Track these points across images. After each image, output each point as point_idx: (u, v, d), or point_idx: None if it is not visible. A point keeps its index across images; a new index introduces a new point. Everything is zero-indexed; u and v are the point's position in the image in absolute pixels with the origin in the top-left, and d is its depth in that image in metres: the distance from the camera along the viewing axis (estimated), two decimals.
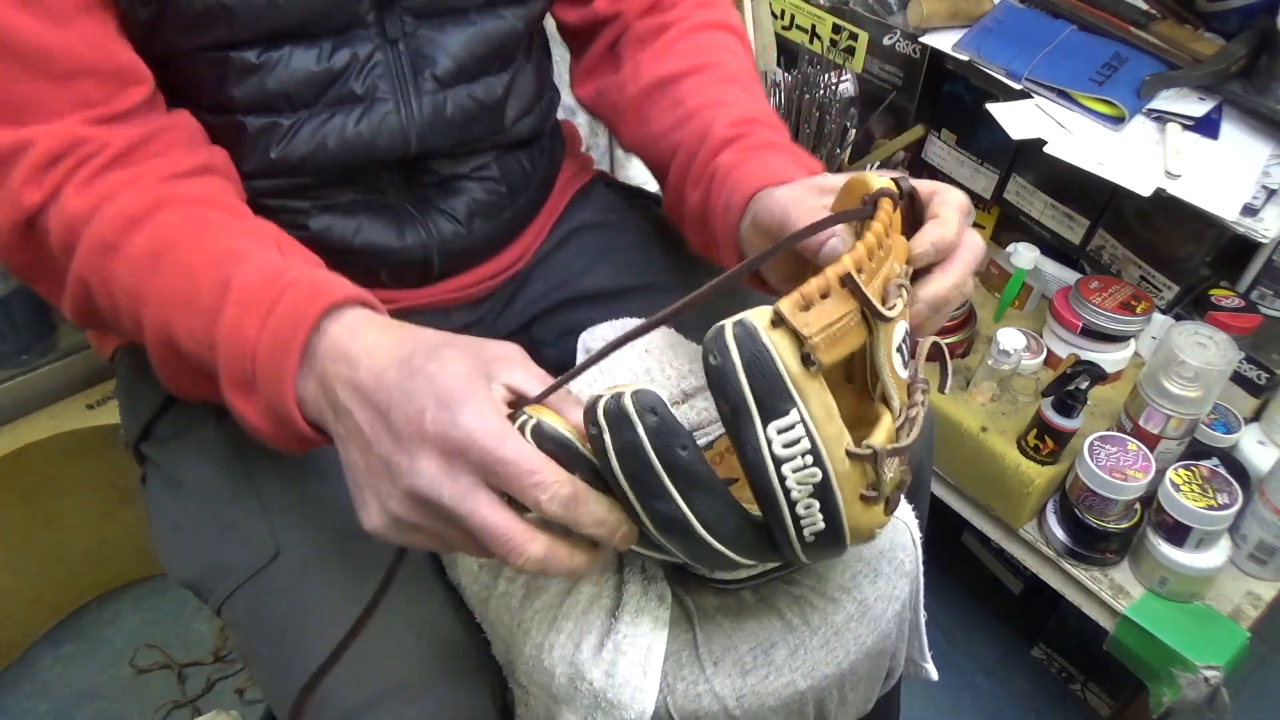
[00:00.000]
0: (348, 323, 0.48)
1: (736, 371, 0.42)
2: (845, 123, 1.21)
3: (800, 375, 0.42)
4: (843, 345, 0.44)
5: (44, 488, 1.20)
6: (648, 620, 0.58)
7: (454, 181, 0.71)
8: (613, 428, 0.42)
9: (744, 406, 0.42)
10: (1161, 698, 0.99)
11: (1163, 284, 1.13)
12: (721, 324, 0.42)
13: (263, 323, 0.48)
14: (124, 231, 0.53)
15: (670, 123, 0.69)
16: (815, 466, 0.43)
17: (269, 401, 0.49)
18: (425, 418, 0.42)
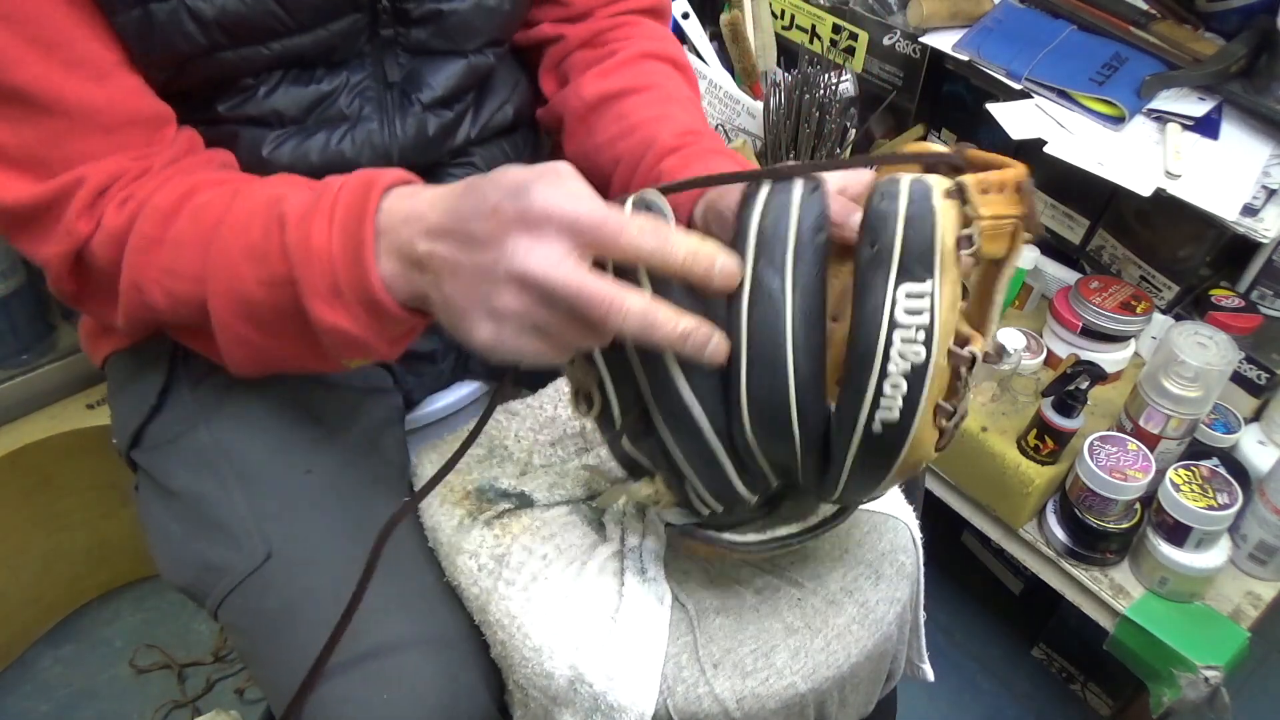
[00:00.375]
0: (404, 191, 0.50)
1: (896, 220, 0.41)
2: (845, 123, 1.21)
3: (950, 252, 0.42)
4: (995, 245, 0.44)
5: (44, 488, 1.20)
6: (648, 622, 0.58)
7: (436, 169, 0.72)
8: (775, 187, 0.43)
9: (887, 256, 0.42)
10: (1161, 698, 0.99)
11: (1163, 284, 1.13)
12: (900, 174, 0.42)
13: (329, 227, 0.49)
14: (164, 224, 0.54)
15: (613, 134, 0.71)
16: (923, 346, 0.42)
17: (358, 296, 0.49)
18: (502, 209, 0.44)
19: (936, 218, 0.41)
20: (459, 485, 0.66)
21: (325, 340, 0.51)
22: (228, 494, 0.64)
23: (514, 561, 0.61)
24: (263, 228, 0.52)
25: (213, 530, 0.63)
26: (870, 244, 0.42)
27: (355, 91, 0.65)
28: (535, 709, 0.59)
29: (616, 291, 0.43)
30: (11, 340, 1.17)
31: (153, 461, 0.68)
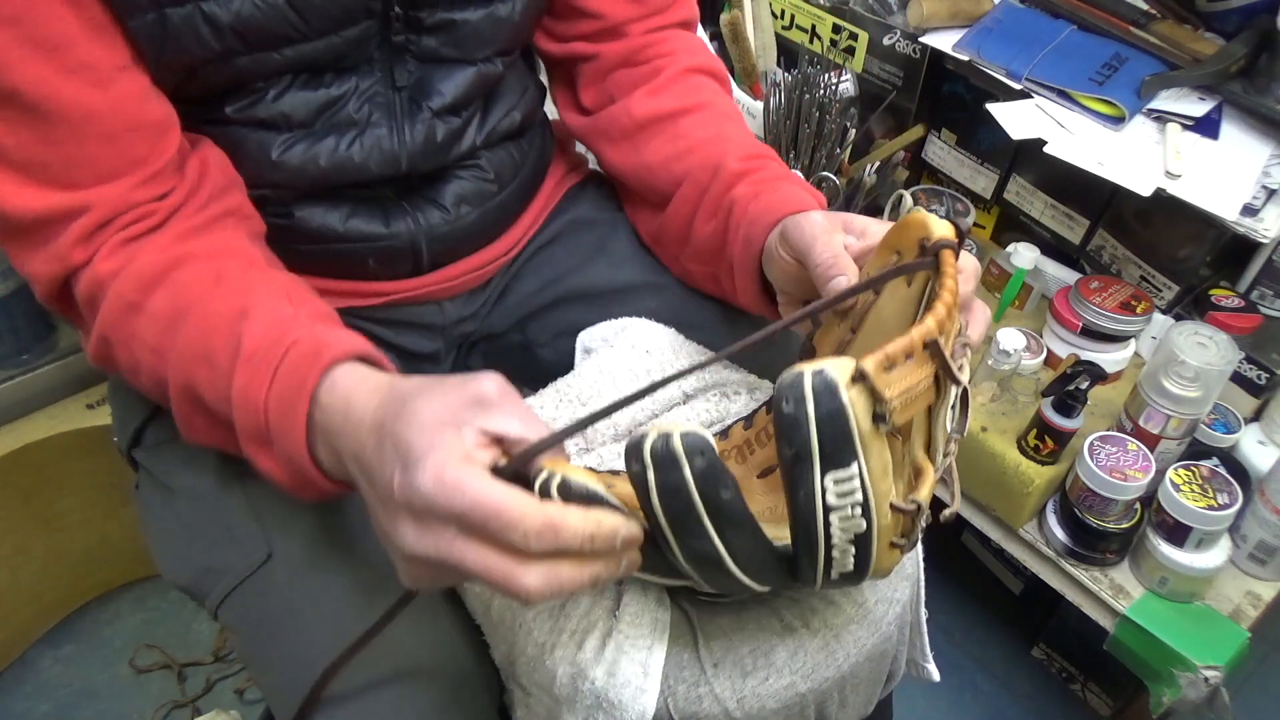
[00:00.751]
0: (341, 391, 0.49)
1: (808, 423, 0.41)
2: (845, 123, 1.21)
3: (869, 433, 0.42)
4: (914, 407, 0.44)
5: (44, 488, 1.20)
6: (648, 621, 0.58)
7: (441, 172, 0.72)
8: (659, 467, 0.42)
9: (807, 456, 0.42)
10: (1161, 698, 0.99)
11: (1163, 284, 1.13)
12: (800, 370, 0.41)
13: (270, 384, 0.50)
14: (144, 291, 0.55)
15: (669, 154, 0.72)
16: (862, 519, 0.43)
17: (286, 459, 0.51)
18: (394, 484, 0.43)
19: (848, 412, 0.41)
20: None
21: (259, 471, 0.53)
22: (229, 493, 0.64)
23: None
24: (224, 342, 0.52)
25: (214, 530, 0.63)
26: (789, 447, 0.42)
27: (364, 97, 0.65)
28: (537, 708, 0.59)
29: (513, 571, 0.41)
30: (11, 340, 1.17)
31: (154, 460, 0.68)
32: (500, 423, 0.44)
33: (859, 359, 0.41)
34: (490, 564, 0.42)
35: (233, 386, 0.51)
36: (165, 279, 0.55)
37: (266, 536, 0.62)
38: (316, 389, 0.49)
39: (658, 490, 0.42)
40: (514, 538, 0.41)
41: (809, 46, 1.35)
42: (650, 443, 0.42)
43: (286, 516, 0.63)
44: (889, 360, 0.42)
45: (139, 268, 0.55)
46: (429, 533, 0.42)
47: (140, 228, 0.56)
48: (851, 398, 0.41)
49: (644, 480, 0.42)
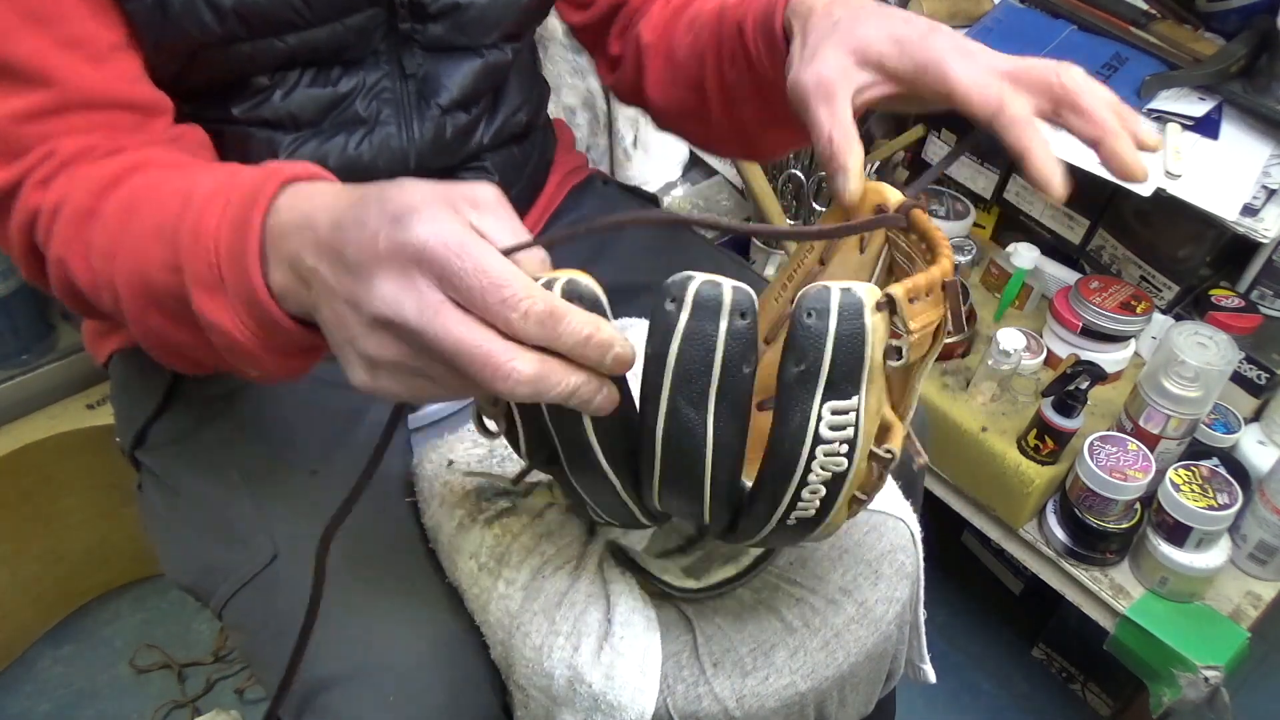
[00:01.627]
0: (304, 190, 0.44)
1: (826, 340, 0.39)
2: None
3: (878, 367, 0.40)
4: (919, 349, 0.43)
5: (44, 488, 1.20)
6: (641, 621, 0.58)
7: (447, 173, 0.72)
8: (697, 310, 0.39)
9: (814, 376, 0.40)
10: (1161, 698, 0.99)
11: (1163, 284, 1.13)
12: (828, 285, 0.39)
13: (221, 213, 0.44)
14: (99, 195, 0.51)
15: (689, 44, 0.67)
16: (845, 457, 0.41)
17: (239, 293, 0.44)
18: (379, 238, 0.37)
19: (867, 336, 0.39)
20: (458, 485, 0.66)
21: (212, 339, 0.46)
22: (233, 495, 0.64)
23: (514, 560, 0.61)
24: (174, 208, 0.47)
25: (218, 531, 0.63)
26: (796, 362, 0.40)
27: (372, 94, 0.64)
28: (535, 709, 0.58)
29: (503, 351, 0.37)
30: (11, 340, 1.17)
31: (157, 461, 0.68)
32: (491, 225, 0.40)
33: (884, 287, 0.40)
34: (477, 338, 0.37)
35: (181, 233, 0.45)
36: (123, 181, 0.51)
37: (272, 537, 0.62)
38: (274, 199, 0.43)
39: (683, 335, 0.39)
40: (512, 316, 0.36)
41: None
42: (698, 283, 0.39)
43: (292, 517, 0.63)
44: (914, 292, 0.41)
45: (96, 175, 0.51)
46: (412, 289, 0.37)
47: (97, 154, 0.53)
48: (875, 323, 0.40)
49: (672, 322, 0.39)
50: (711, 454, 0.42)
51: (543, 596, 0.59)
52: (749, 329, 0.39)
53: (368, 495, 0.66)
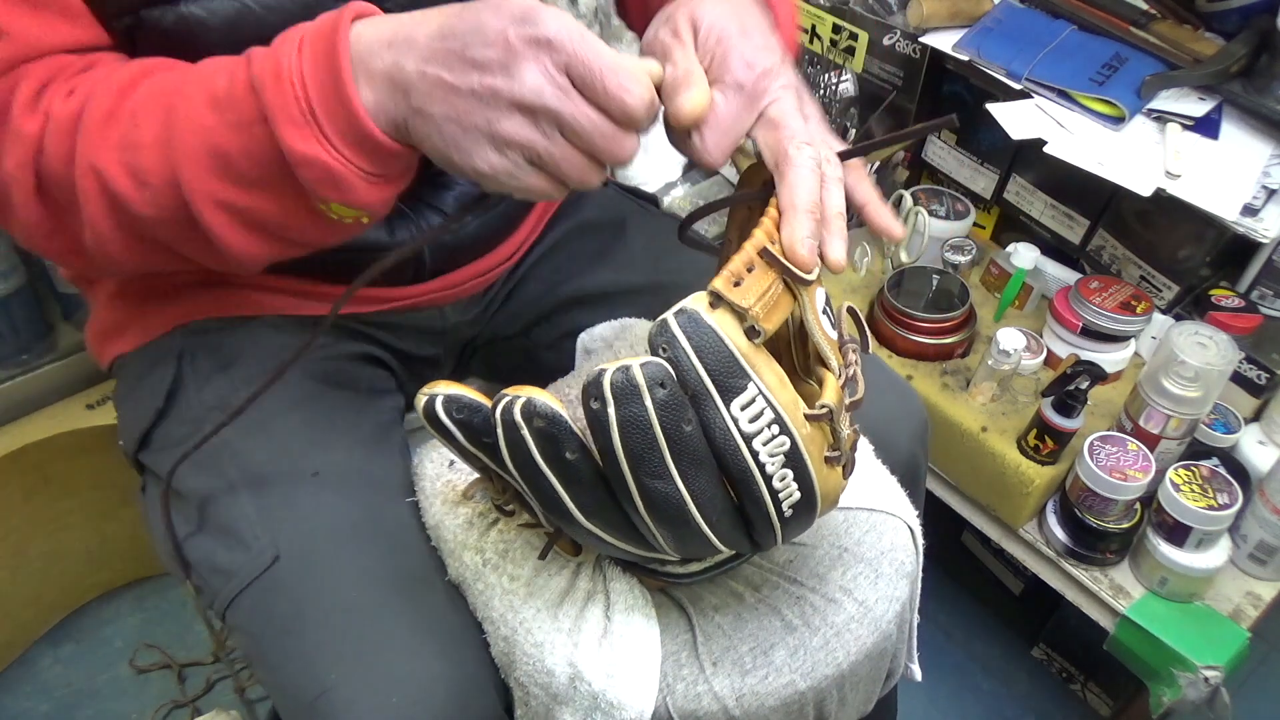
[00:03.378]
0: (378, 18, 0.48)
1: (689, 357, 0.42)
2: (845, 123, 1.21)
3: (748, 349, 0.43)
4: (778, 313, 0.45)
5: (44, 488, 1.20)
6: (640, 619, 0.58)
7: (442, 177, 0.72)
8: (619, 401, 0.42)
9: (704, 390, 0.43)
10: (1161, 698, 0.99)
11: (1163, 284, 1.13)
12: (663, 316, 0.43)
13: (298, 54, 0.47)
14: (120, 97, 0.51)
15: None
16: (783, 435, 0.44)
17: (332, 118, 0.47)
18: (508, 35, 0.44)
19: (719, 333, 0.43)
20: (462, 484, 0.66)
21: (303, 176, 0.48)
22: (235, 496, 0.64)
23: (517, 558, 0.61)
24: (227, 75, 0.49)
25: (220, 532, 0.63)
26: (684, 390, 0.43)
27: None
28: (536, 707, 0.59)
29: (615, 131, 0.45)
30: (11, 340, 1.17)
31: (160, 463, 0.68)
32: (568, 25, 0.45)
33: None
34: (596, 120, 0.44)
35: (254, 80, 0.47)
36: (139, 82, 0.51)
37: (274, 539, 0.62)
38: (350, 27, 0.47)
39: (618, 425, 0.42)
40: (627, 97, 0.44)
41: (809, 47, 1.35)
42: (610, 375, 0.42)
43: (294, 519, 0.63)
44: (734, 276, 0.44)
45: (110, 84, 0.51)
46: (550, 76, 0.44)
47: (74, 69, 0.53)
48: (718, 320, 0.43)
49: (603, 418, 0.42)
50: (696, 508, 0.45)
51: (545, 594, 0.59)
52: (671, 395, 0.42)
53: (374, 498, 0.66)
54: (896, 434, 0.76)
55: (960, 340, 1.17)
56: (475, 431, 0.47)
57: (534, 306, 0.81)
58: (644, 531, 0.47)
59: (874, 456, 0.72)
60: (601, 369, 0.42)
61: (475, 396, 0.47)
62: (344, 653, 0.57)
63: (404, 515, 0.66)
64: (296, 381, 0.69)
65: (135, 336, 0.71)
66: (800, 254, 0.46)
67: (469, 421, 0.47)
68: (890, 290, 1.17)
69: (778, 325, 0.46)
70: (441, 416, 0.47)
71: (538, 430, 0.44)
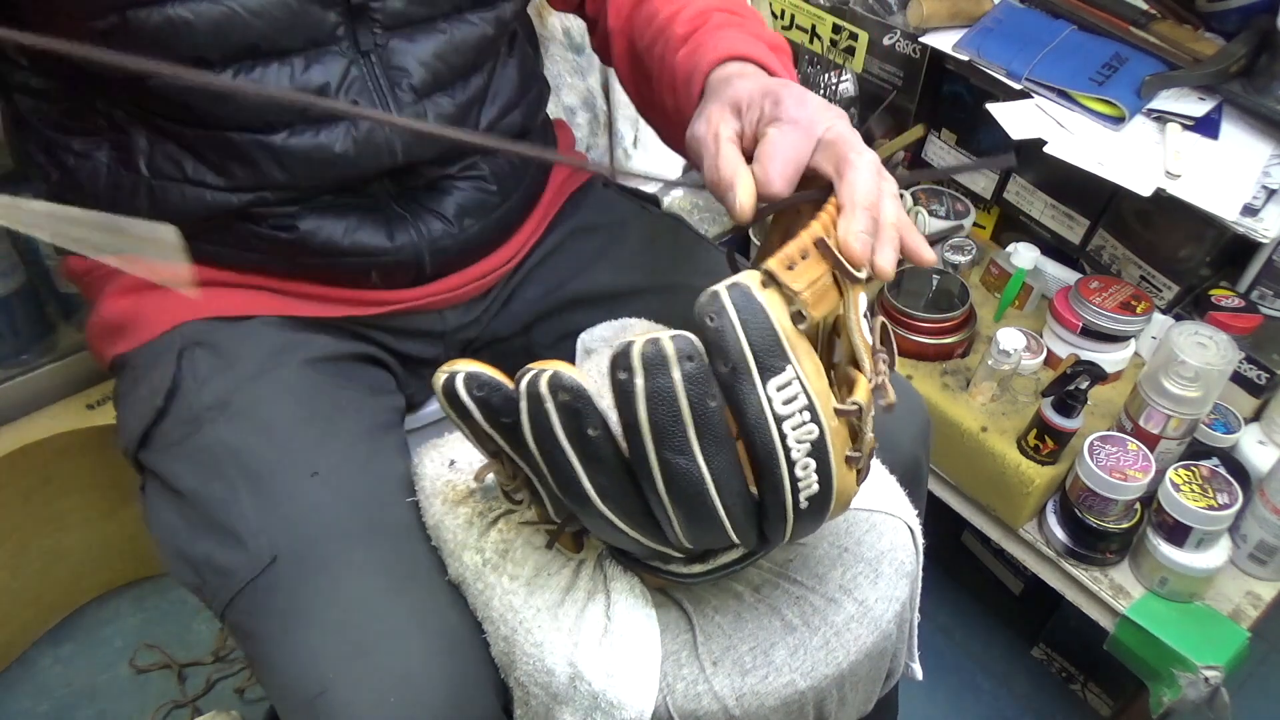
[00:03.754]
0: None
1: (735, 330, 0.42)
2: None
3: (792, 333, 0.43)
4: (824, 305, 0.46)
5: (44, 488, 1.20)
6: (641, 618, 0.58)
7: (442, 181, 0.72)
8: (649, 371, 0.42)
9: (744, 365, 0.43)
10: (1161, 698, 0.99)
11: (1163, 284, 1.13)
12: (714, 287, 0.43)
13: None
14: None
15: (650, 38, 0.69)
16: (813, 423, 0.44)
17: None
18: None
19: (768, 311, 0.43)
20: (462, 484, 0.66)
21: None
22: (234, 495, 0.64)
23: (518, 557, 0.61)
24: None
25: (219, 532, 0.63)
26: (724, 364, 0.43)
27: (344, 88, 0.64)
28: (536, 706, 0.58)
29: None
30: (11, 340, 1.17)
31: (159, 463, 0.68)
32: None
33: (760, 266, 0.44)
34: None
35: None
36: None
37: (273, 539, 0.62)
38: None
39: (645, 396, 0.42)
40: None
41: (809, 46, 1.35)
42: (639, 345, 0.42)
43: (294, 519, 0.63)
44: (788, 260, 0.44)
45: None
46: None
47: None
48: (767, 298, 0.43)
49: (630, 388, 0.42)
50: (715, 489, 0.45)
51: (545, 593, 0.59)
52: (698, 369, 0.42)
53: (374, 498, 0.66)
54: (898, 434, 0.76)
55: (960, 340, 1.17)
56: (494, 410, 0.46)
57: (534, 307, 0.81)
58: (659, 515, 0.47)
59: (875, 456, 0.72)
60: (630, 340, 0.42)
61: (496, 374, 0.46)
62: (343, 652, 0.57)
63: (403, 515, 0.66)
64: (296, 381, 0.69)
65: (135, 336, 0.71)
66: (854, 248, 0.46)
67: (488, 400, 0.46)
68: (890, 290, 1.17)
69: (823, 316, 0.46)
70: (462, 394, 0.47)
71: (563, 404, 0.44)
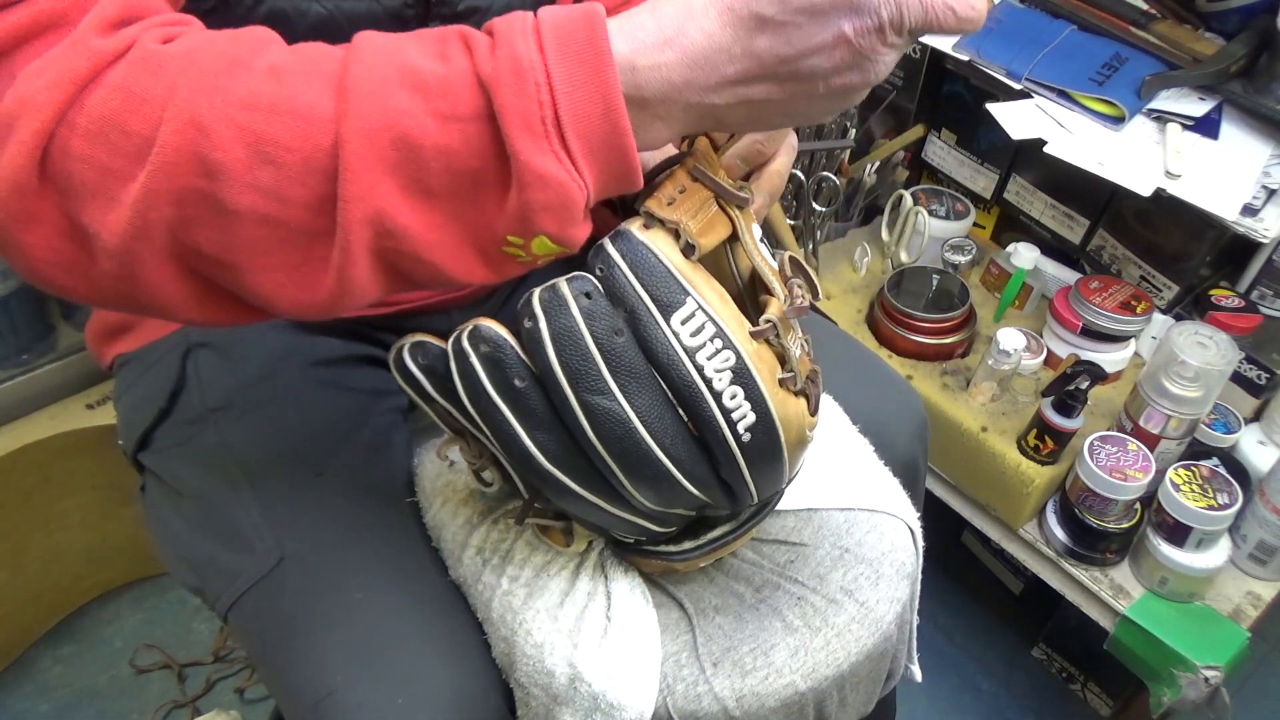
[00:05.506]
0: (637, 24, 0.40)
1: (624, 274, 0.43)
2: (845, 122, 1.21)
3: (685, 266, 0.44)
4: (713, 233, 0.46)
5: (44, 488, 1.20)
6: (640, 621, 0.58)
7: None
8: (549, 315, 0.43)
9: (642, 306, 0.43)
10: (1161, 698, 0.99)
11: (1163, 284, 1.13)
12: (600, 241, 0.43)
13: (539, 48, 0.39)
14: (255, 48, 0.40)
15: None
16: (727, 349, 0.44)
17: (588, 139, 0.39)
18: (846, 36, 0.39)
19: (654, 248, 0.43)
20: (462, 485, 0.66)
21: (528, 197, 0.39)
22: (239, 497, 0.64)
23: (518, 558, 0.61)
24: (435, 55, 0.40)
25: (224, 533, 0.63)
26: (623, 309, 0.43)
27: None
28: (536, 707, 0.58)
29: None
30: (11, 340, 1.17)
31: (161, 464, 0.68)
32: None
33: None
34: None
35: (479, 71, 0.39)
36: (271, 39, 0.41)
37: (279, 540, 0.62)
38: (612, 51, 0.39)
39: (551, 339, 0.43)
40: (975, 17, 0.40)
41: None
42: (538, 293, 0.43)
43: (299, 520, 0.63)
44: (667, 197, 0.45)
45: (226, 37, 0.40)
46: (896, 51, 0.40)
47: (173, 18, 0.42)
48: (651, 238, 0.43)
49: (537, 335, 0.43)
50: (643, 426, 0.44)
51: (545, 594, 0.59)
52: (596, 304, 0.43)
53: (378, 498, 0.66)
54: (896, 434, 0.76)
55: (960, 340, 1.17)
56: (440, 379, 0.47)
57: None
58: (606, 473, 0.46)
59: (874, 456, 0.72)
60: (530, 290, 0.43)
61: (439, 342, 0.47)
62: (349, 654, 0.57)
63: (406, 515, 0.66)
64: (300, 383, 0.69)
65: (139, 336, 0.71)
66: None
67: (433, 367, 0.47)
68: (890, 290, 1.17)
69: (714, 244, 0.46)
70: (409, 363, 0.47)
71: (484, 355, 0.44)
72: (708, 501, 0.49)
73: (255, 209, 0.39)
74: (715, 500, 0.50)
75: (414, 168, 0.40)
